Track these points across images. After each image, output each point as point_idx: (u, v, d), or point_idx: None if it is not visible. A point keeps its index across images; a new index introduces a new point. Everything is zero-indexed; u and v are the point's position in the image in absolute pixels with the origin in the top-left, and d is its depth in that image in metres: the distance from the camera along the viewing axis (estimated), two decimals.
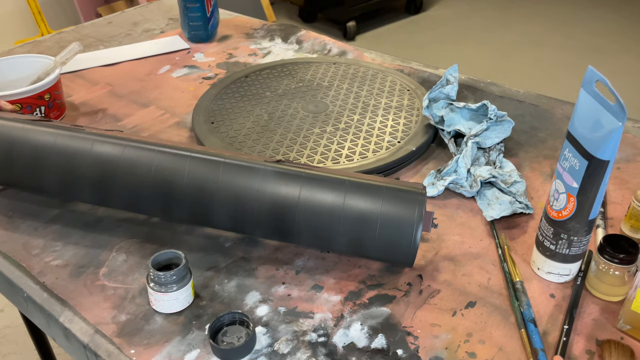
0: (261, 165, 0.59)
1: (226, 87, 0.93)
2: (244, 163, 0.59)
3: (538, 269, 0.60)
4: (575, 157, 0.53)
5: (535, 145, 0.81)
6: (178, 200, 0.59)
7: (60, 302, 0.58)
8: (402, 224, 0.56)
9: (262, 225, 0.58)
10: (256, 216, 0.58)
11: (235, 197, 0.58)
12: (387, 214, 0.56)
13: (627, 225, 0.65)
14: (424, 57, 2.91)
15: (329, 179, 0.58)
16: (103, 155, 0.61)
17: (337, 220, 0.56)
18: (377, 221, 0.56)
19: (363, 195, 0.57)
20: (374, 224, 0.56)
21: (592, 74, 0.52)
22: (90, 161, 0.61)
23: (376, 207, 0.56)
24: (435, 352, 0.53)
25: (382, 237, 0.56)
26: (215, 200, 0.58)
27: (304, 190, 0.57)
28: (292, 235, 0.58)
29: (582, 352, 0.53)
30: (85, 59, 1.07)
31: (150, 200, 0.60)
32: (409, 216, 0.56)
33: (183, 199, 0.59)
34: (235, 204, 0.58)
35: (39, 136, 0.63)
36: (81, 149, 0.62)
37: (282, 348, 0.53)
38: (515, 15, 3.45)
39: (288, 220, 0.57)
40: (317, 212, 0.57)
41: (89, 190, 0.62)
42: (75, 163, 0.61)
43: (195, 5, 1.09)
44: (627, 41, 3.10)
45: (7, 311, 1.66)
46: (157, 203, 0.60)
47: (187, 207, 0.60)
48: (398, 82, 0.94)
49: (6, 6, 2.79)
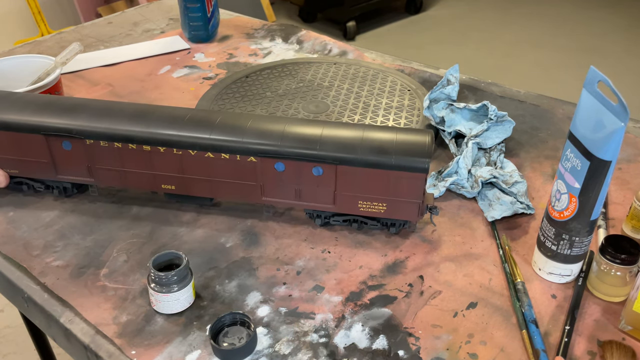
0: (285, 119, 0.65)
1: (227, 87, 0.93)
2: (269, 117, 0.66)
3: (539, 270, 0.60)
4: (577, 157, 0.53)
5: (536, 145, 0.81)
6: (213, 129, 0.63)
7: (61, 302, 0.58)
8: (416, 139, 0.61)
9: (289, 138, 0.62)
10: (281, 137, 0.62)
11: (261, 133, 0.62)
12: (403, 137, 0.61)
13: (629, 225, 0.65)
14: (424, 57, 2.91)
15: (347, 123, 0.65)
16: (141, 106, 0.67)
17: (359, 140, 0.61)
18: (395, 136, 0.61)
19: (379, 130, 0.62)
20: (392, 141, 0.61)
21: (594, 74, 0.52)
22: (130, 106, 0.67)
23: (392, 135, 0.62)
24: (437, 353, 0.53)
25: (400, 144, 0.61)
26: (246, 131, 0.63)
27: (326, 129, 0.62)
28: (316, 144, 0.61)
29: (583, 352, 0.52)
30: (86, 59, 1.07)
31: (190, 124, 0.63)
32: (422, 135, 0.61)
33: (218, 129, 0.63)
34: (263, 136, 0.62)
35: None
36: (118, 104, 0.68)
37: (283, 349, 0.53)
38: (515, 15, 3.45)
39: (314, 138, 0.61)
40: (340, 135, 0.62)
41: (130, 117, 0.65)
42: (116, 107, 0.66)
43: (196, 5, 1.09)
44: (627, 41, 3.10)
45: (7, 311, 1.66)
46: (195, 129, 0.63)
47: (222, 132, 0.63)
48: (399, 83, 0.94)
49: (6, 6, 2.79)
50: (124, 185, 0.68)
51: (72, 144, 0.65)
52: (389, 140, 0.61)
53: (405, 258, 0.63)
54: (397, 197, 0.61)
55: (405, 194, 0.61)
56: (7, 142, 0.67)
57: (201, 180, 0.65)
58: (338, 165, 0.61)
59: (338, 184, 0.62)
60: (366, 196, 0.62)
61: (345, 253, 0.64)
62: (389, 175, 0.60)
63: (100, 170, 0.67)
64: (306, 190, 0.63)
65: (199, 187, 0.66)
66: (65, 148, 0.66)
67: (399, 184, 0.60)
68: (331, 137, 0.61)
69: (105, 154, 0.65)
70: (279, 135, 0.62)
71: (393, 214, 0.63)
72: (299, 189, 0.63)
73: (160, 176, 0.66)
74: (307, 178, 0.62)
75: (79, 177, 0.68)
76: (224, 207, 0.70)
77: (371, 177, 0.61)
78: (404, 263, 0.62)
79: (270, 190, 0.64)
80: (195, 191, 0.66)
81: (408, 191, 0.61)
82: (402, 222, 0.65)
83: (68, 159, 0.67)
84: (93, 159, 0.66)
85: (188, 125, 0.63)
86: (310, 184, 0.63)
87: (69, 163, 0.67)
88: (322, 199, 0.64)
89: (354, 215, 0.65)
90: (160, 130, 0.63)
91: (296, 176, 0.63)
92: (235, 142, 0.62)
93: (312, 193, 0.63)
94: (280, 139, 0.61)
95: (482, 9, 3.56)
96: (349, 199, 0.63)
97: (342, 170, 0.61)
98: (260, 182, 0.64)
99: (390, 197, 0.62)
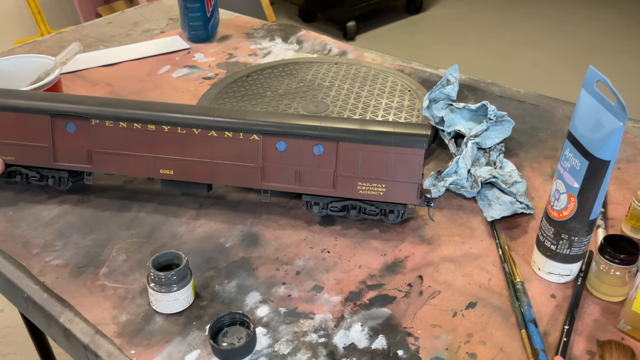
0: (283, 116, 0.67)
1: (227, 87, 0.93)
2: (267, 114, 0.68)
3: (539, 269, 0.60)
4: (576, 157, 0.53)
5: (536, 145, 0.81)
6: (217, 112, 0.66)
7: (61, 302, 0.58)
8: (415, 125, 0.64)
9: (292, 118, 0.64)
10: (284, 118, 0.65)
11: (266, 114, 0.65)
12: (401, 123, 0.64)
13: (628, 225, 0.65)
14: (424, 57, 2.91)
15: (346, 118, 0.67)
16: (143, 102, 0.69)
17: (359, 122, 0.64)
18: (394, 125, 0.64)
19: (379, 123, 0.64)
20: (391, 124, 0.64)
21: (593, 74, 0.52)
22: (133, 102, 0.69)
23: (391, 124, 0.64)
24: (436, 352, 0.53)
25: (400, 125, 0.63)
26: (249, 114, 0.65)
27: (324, 122, 0.64)
28: (318, 124, 0.63)
29: (582, 352, 0.52)
30: (86, 59, 1.07)
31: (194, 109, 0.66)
32: (420, 124, 0.64)
33: (222, 112, 0.66)
34: (266, 117, 0.65)
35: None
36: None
37: (282, 349, 0.53)
38: (515, 15, 3.45)
39: (316, 120, 0.65)
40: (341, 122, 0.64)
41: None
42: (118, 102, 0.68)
43: (196, 5, 1.09)
44: (627, 42, 3.10)
45: (7, 311, 1.66)
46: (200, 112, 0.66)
47: (226, 114, 0.65)
48: (399, 83, 0.94)
49: (6, 6, 2.79)
50: (122, 172, 0.68)
51: (77, 126, 0.67)
52: (389, 124, 0.64)
53: (405, 258, 0.63)
54: (396, 178, 0.63)
55: (405, 174, 0.63)
56: (10, 125, 0.68)
57: (201, 163, 0.66)
58: (339, 142, 0.62)
59: (338, 164, 0.63)
60: (366, 177, 0.63)
61: (345, 253, 0.64)
62: (388, 152, 0.62)
63: (99, 155, 0.68)
64: (306, 173, 0.64)
65: (198, 172, 0.67)
66: (69, 130, 0.67)
67: (399, 162, 0.62)
68: (332, 121, 0.64)
69: (109, 135, 0.67)
70: (282, 117, 0.64)
71: (392, 196, 0.64)
72: (299, 171, 0.65)
73: (160, 160, 0.67)
74: (308, 158, 0.64)
75: (77, 163, 0.69)
76: (224, 207, 0.71)
77: (371, 156, 0.63)
78: (403, 263, 0.62)
79: (270, 173, 0.65)
80: (194, 176, 0.67)
81: (407, 170, 0.62)
82: (400, 210, 0.65)
83: (69, 142, 0.68)
84: (95, 142, 0.67)
85: (193, 108, 0.66)
86: (311, 165, 0.64)
87: (69, 147, 0.68)
88: (322, 182, 0.65)
89: (353, 200, 0.66)
90: (165, 112, 0.66)
91: (297, 156, 0.64)
92: (239, 121, 0.64)
93: (312, 176, 0.65)
94: (283, 118, 0.64)
95: (482, 9, 3.56)
96: (349, 180, 0.64)
97: (343, 147, 0.63)
98: (260, 164, 0.65)
99: (390, 179, 0.63)
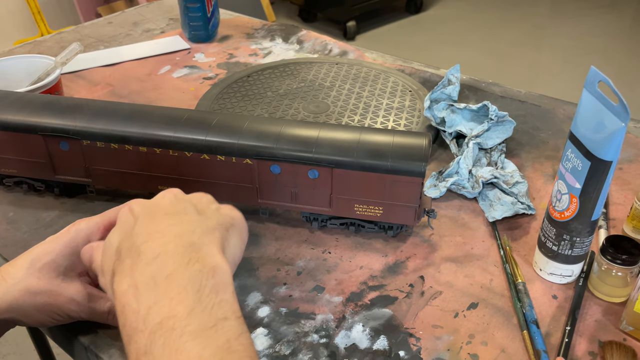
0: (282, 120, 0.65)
1: (227, 87, 0.93)
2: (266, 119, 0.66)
3: (540, 270, 0.60)
4: (577, 157, 0.53)
5: (537, 145, 0.81)
6: (209, 131, 0.63)
7: None
8: (413, 143, 0.60)
9: (285, 141, 0.61)
10: (277, 139, 0.62)
11: (258, 135, 0.62)
12: (400, 140, 0.61)
13: (630, 226, 0.64)
14: (425, 57, 2.91)
15: (344, 125, 0.66)
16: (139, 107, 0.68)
17: (355, 142, 0.61)
18: (392, 138, 0.61)
19: (377, 133, 0.62)
20: (389, 144, 0.60)
21: (594, 75, 0.52)
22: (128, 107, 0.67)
23: (389, 137, 0.61)
24: (438, 353, 0.53)
25: (397, 147, 0.60)
26: (242, 133, 0.62)
27: (322, 131, 0.62)
28: (312, 146, 0.61)
29: (584, 353, 0.52)
30: (86, 59, 1.07)
31: (186, 126, 0.63)
32: (419, 138, 0.61)
33: (214, 131, 0.63)
34: (259, 138, 0.62)
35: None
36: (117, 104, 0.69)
37: (283, 349, 0.53)
38: (516, 15, 3.45)
39: (310, 140, 0.61)
40: (337, 137, 0.61)
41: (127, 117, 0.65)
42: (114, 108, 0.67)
43: (196, 5, 1.09)
44: (628, 41, 3.10)
45: None
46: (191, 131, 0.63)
47: (218, 133, 0.63)
48: (400, 83, 0.93)
49: (6, 6, 2.79)
50: (122, 186, 0.68)
51: (70, 145, 0.65)
52: (386, 144, 0.60)
53: (406, 258, 0.63)
54: (394, 201, 0.61)
55: (402, 198, 0.61)
56: (6, 142, 0.67)
57: (197, 182, 0.64)
58: (334, 168, 0.60)
59: (334, 187, 0.62)
60: (362, 200, 0.62)
61: (346, 253, 0.64)
62: (385, 179, 0.60)
63: (97, 171, 0.67)
64: (302, 193, 0.63)
65: (195, 189, 0.66)
66: (63, 148, 0.66)
67: (395, 187, 0.60)
68: (327, 140, 0.61)
69: (102, 154, 0.65)
70: (275, 137, 0.61)
71: (389, 217, 0.63)
72: (295, 192, 0.63)
73: (156, 177, 0.65)
74: (303, 181, 0.62)
75: (77, 177, 0.68)
76: None
77: (367, 181, 0.60)
78: (404, 263, 0.62)
79: (266, 192, 0.64)
80: (191, 192, 0.66)
81: (404, 195, 0.60)
82: (399, 226, 0.64)
83: (66, 159, 0.67)
84: (90, 160, 0.66)
85: (184, 126, 0.63)
86: (307, 187, 0.62)
87: (66, 163, 0.67)
88: (318, 202, 0.63)
89: (351, 219, 0.65)
90: (156, 131, 0.63)
91: (292, 179, 0.62)
92: (231, 144, 0.61)
93: (308, 196, 0.63)
94: (276, 141, 0.61)
95: (482, 9, 3.56)
96: (345, 202, 0.62)
97: (338, 173, 0.60)
98: (256, 185, 0.64)
99: (387, 201, 0.61)
